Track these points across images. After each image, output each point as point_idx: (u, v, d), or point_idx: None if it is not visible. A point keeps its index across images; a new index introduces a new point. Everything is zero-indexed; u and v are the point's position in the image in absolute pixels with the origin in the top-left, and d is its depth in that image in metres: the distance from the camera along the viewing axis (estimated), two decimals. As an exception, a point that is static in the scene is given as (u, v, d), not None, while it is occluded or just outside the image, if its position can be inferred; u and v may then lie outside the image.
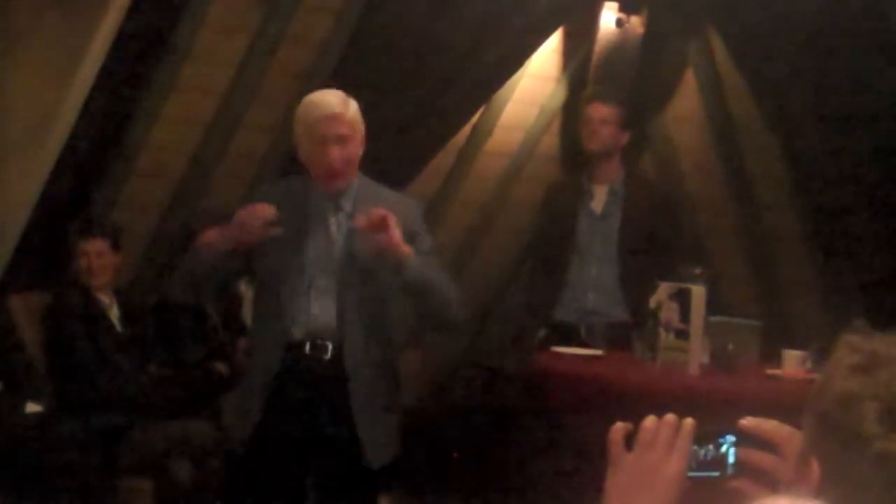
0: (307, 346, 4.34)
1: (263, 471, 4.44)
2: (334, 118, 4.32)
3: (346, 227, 4.40)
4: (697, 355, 4.98)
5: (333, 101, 4.38)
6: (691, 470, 1.89)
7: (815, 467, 1.65)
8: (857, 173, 6.53)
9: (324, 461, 4.44)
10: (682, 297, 4.96)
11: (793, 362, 5.07)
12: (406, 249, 4.23)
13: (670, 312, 4.98)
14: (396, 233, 4.19)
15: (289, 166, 6.62)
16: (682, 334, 4.96)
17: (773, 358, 5.15)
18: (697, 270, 5.15)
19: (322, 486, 4.53)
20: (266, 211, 4.24)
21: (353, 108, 4.38)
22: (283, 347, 4.36)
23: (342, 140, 4.32)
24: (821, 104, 6.44)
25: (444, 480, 7.21)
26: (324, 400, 4.38)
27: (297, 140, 4.47)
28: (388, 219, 4.17)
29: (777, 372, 5.04)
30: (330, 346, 4.34)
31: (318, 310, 4.35)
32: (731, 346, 5.06)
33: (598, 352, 5.50)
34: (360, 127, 4.40)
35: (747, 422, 1.89)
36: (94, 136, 5.91)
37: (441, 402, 7.89)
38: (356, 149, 4.38)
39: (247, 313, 6.17)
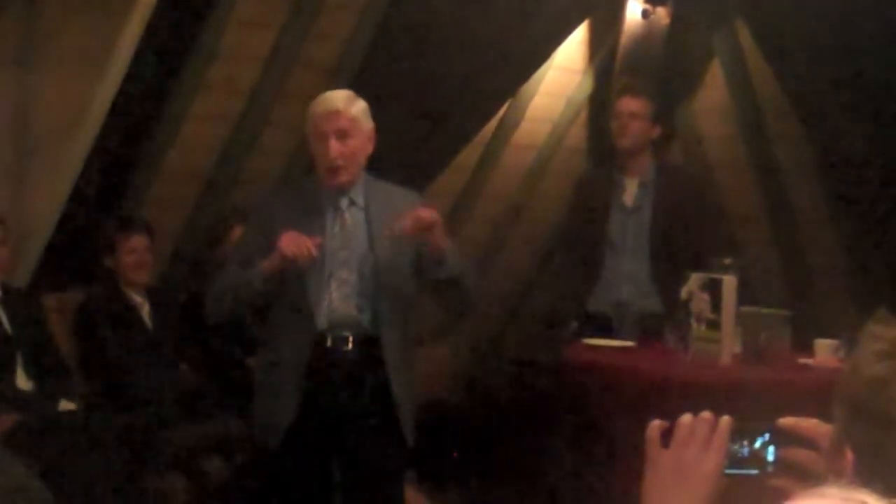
0: (330, 339, 4.47)
1: (302, 461, 4.55)
2: (334, 114, 4.47)
3: (361, 221, 4.56)
4: (729, 346, 4.97)
5: (335, 98, 4.55)
6: (728, 467, 1.88)
7: (849, 454, 1.67)
8: (886, 160, 6.50)
9: (363, 443, 4.56)
10: (714, 288, 4.95)
11: (825, 351, 5.05)
12: (447, 244, 4.40)
13: (701, 303, 4.96)
14: (440, 230, 4.36)
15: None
16: (714, 325, 4.95)
17: (804, 347, 5.14)
18: (728, 261, 5.13)
19: (359, 468, 4.61)
20: (310, 242, 4.33)
21: (356, 106, 4.53)
22: (310, 340, 4.47)
23: (342, 135, 4.46)
24: (848, 92, 6.41)
25: (473, 472, 7.22)
26: (359, 386, 4.51)
27: (307, 138, 4.62)
28: (434, 218, 4.34)
29: (809, 361, 5.03)
30: (351, 337, 4.49)
31: (339, 302, 4.48)
32: (762, 336, 5.05)
33: (630, 343, 5.50)
34: (364, 125, 4.53)
35: (785, 421, 1.90)
36: (123, 133, 5.93)
37: (471, 395, 7.91)
38: (358, 145, 4.51)
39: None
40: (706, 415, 1.89)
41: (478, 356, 8.14)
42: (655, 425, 1.91)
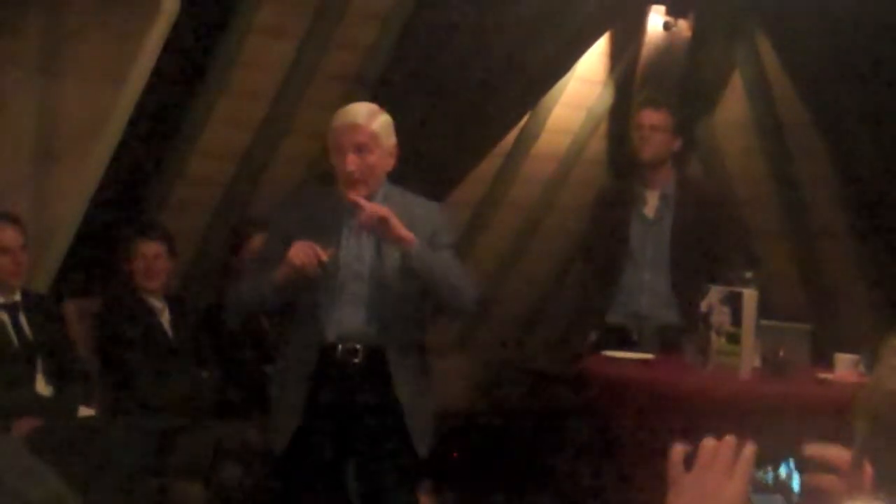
0: (339, 350, 4.48)
1: (308, 470, 4.58)
2: (354, 128, 4.45)
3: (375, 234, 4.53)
4: (749, 359, 4.95)
5: (357, 111, 4.53)
6: (752, 492, 1.87)
7: (868, 469, 1.66)
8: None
9: (371, 454, 4.57)
10: (734, 301, 4.94)
11: (844, 366, 5.04)
12: (409, 236, 4.36)
13: (721, 316, 4.96)
14: (395, 222, 4.33)
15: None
16: (734, 338, 4.94)
17: (824, 362, 5.13)
18: (748, 274, 5.12)
19: (370, 478, 4.62)
20: (320, 252, 4.33)
21: (378, 121, 4.50)
22: (318, 351, 4.49)
23: (360, 149, 4.44)
24: (868, 105, 6.39)
25: (491, 482, 7.22)
26: (366, 397, 4.52)
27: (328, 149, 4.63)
28: (385, 212, 4.32)
29: (829, 376, 5.01)
30: (360, 349, 4.49)
31: (350, 314, 4.49)
32: (782, 350, 5.04)
33: (649, 355, 5.49)
34: (385, 141, 4.50)
35: (811, 449, 1.89)
36: (145, 140, 5.94)
37: (490, 406, 7.90)
38: (377, 159, 4.48)
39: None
40: (729, 439, 1.88)
41: (497, 367, 8.12)
42: (678, 449, 1.90)
